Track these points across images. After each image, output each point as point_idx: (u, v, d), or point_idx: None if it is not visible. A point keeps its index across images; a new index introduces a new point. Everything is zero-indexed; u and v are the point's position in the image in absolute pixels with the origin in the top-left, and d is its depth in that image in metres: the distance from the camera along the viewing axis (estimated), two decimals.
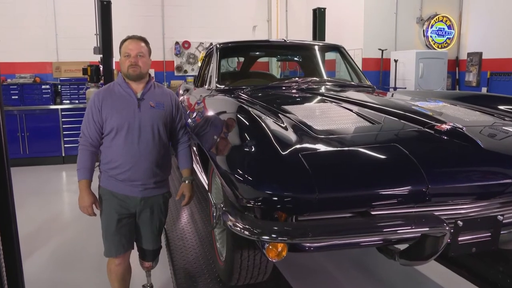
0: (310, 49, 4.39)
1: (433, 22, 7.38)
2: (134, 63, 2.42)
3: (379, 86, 6.87)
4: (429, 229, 1.69)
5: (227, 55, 4.51)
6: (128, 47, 2.44)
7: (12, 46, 7.61)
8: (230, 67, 5.51)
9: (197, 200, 4.09)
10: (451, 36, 7.52)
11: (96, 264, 3.51)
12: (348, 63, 4.18)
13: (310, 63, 4.41)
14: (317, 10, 6.71)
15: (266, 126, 2.03)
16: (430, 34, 7.42)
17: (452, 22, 7.46)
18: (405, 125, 2.22)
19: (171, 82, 8.52)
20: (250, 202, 1.71)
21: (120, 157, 2.42)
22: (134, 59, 2.42)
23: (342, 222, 1.75)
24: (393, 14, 7.27)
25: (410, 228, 1.68)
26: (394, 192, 1.73)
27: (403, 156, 1.84)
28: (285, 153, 1.80)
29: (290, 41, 4.24)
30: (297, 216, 1.74)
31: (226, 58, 4.77)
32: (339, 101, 2.79)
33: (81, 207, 2.45)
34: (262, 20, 9.02)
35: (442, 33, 7.47)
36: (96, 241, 2.83)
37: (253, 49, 4.54)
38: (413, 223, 1.68)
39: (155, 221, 2.58)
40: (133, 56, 2.42)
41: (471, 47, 7.25)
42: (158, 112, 2.48)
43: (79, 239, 4.11)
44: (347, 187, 1.73)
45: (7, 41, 7.51)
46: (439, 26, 7.42)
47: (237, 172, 1.80)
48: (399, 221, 1.70)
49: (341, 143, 1.98)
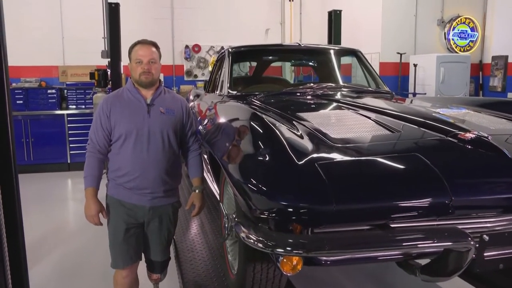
0: (325, 53, 4.40)
1: (455, 24, 7.35)
2: (147, 70, 2.44)
3: (397, 91, 6.83)
4: (453, 244, 1.68)
5: (240, 59, 4.55)
6: (139, 53, 2.46)
7: (17, 49, 7.71)
8: (242, 72, 5.55)
9: (207, 210, 4.11)
10: (474, 39, 7.47)
11: (102, 276, 3.53)
12: (365, 68, 4.18)
13: (325, 68, 4.42)
14: (333, 12, 6.72)
15: (280, 133, 2.04)
16: (452, 37, 7.38)
17: (475, 24, 7.42)
18: (426, 133, 2.21)
19: (181, 87, 8.59)
20: (264, 213, 1.72)
21: (129, 165, 2.45)
22: (147, 66, 2.44)
23: (360, 235, 1.75)
24: (412, 16, 7.26)
25: (432, 242, 1.67)
26: (415, 204, 1.73)
27: (424, 166, 1.84)
28: (300, 162, 1.81)
29: (305, 45, 4.26)
30: (313, 228, 1.75)
31: (239, 63, 4.80)
32: (356, 108, 2.79)
33: (87, 216, 2.48)
34: (275, 22, 9.06)
35: (464, 36, 7.43)
36: (103, 251, 2.85)
37: (267, 53, 4.57)
38: (435, 237, 1.68)
39: (164, 231, 2.60)
40: (145, 63, 2.44)
41: (496, 50, 7.20)
42: (168, 119, 2.51)
43: (85, 249, 4.15)
44: (366, 198, 1.73)
45: (12, 43, 7.58)
46: (461, 28, 7.38)
47: (250, 182, 1.81)
48: (420, 234, 1.69)
49: (358, 152, 1.99)
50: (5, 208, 1.71)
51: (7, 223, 1.76)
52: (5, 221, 1.70)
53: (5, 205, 1.71)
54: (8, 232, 1.77)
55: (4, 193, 1.70)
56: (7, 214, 1.76)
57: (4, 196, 1.70)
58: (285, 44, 6.54)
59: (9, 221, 1.77)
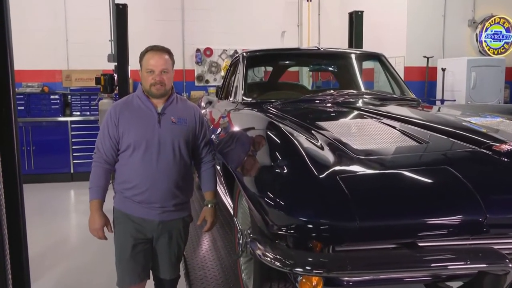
0: (346, 57, 4.42)
1: (488, 25, 7.30)
2: (158, 81, 2.46)
3: (424, 98, 6.80)
4: (488, 266, 1.66)
5: (255, 64, 4.58)
6: (150, 62, 2.46)
7: (19, 52, 7.74)
8: (257, 77, 5.59)
9: (220, 225, 4.12)
10: (510, 40, 7.41)
11: None
12: (389, 73, 4.18)
13: (346, 74, 4.44)
14: (354, 13, 6.73)
15: (299, 144, 2.05)
16: (485, 39, 7.33)
17: (511, 24, 7.35)
18: (456, 144, 2.20)
19: (191, 93, 8.66)
20: (282, 229, 1.73)
21: (137, 177, 2.48)
22: (158, 78, 2.45)
23: (386, 254, 1.74)
24: (440, 17, 7.24)
25: (464, 264, 1.65)
26: (445, 222, 1.72)
27: (455, 180, 1.83)
28: (321, 175, 1.81)
29: (324, 49, 4.28)
30: (335, 246, 1.75)
31: (253, 68, 4.84)
32: (379, 116, 2.79)
33: (91, 229, 2.51)
34: (291, 24, 9.09)
35: (498, 37, 7.37)
36: (108, 268, 2.88)
37: (284, 58, 4.61)
38: (469, 258, 1.65)
39: (174, 247, 2.62)
40: (157, 73, 2.45)
41: None
42: (179, 128, 2.54)
43: (88, 265, 4.18)
44: (391, 214, 1.72)
45: (13, 46, 7.76)
46: (495, 29, 7.33)
47: (267, 196, 1.82)
48: (451, 254, 1.67)
49: (383, 165, 1.98)
50: (9, 222, 1.75)
51: (11, 237, 1.80)
52: (9, 235, 1.73)
53: (9, 218, 1.75)
54: (12, 248, 1.80)
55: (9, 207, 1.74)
56: (11, 228, 1.80)
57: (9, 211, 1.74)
58: (304, 48, 6.57)
59: (13, 235, 1.80)
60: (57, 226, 5.40)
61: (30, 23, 7.85)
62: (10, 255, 1.81)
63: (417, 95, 4.38)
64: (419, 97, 4.31)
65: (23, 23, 7.78)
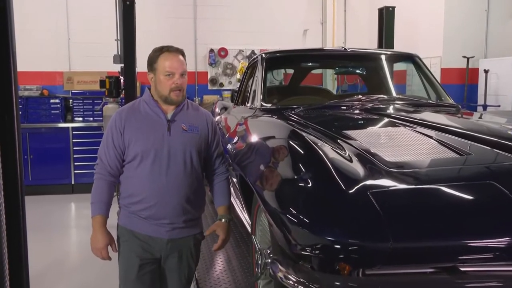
0: (376, 59, 4.41)
1: None
2: (180, 85, 2.47)
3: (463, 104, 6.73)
4: None
5: (275, 66, 4.60)
6: (167, 63, 2.47)
7: (17, 52, 7.98)
8: (276, 80, 5.60)
9: (235, 243, 4.12)
10: None
11: None
12: (424, 76, 4.16)
13: (376, 76, 4.43)
14: (384, 9, 6.72)
15: (324, 155, 2.05)
16: None
17: None
18: (502, 156, 2.17)
19: (204, 97, 8.72)
20: (306, 249, 1.72)
21: (144, 190, 2.49)
22: (180, 81, 2.47)
23: (422, 280, 1.72)
24: (483, 12, 7.15)
25: None
26: (490, 244, 1.69)
27: (502, 197, 1.80)
28: (350, 190, 1.81)
29: (351, 50, 4.28)
30: (365, 270, 1.72)
31: (273, 70, 4.85)
32: (413, 124, 2.78)
33: (93, 248, 2.52)
34: (314, 22, 9.10)
35: None
36: None
37: (307, 59, 4.62)
38: None
39: (184, 268, 2.62)
40: (178, 76, 2.47)
41: None
42: (191, 137, 2.55)
43: (91, 287, 4.20)
44: (429, 235, 1.71)
45: None
46: None
47: (290, 212, 1.82)
48: (498, 281, 1.66)
49: (418, 179, 1.97)
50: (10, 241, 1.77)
51: (10, 257, 1.82)
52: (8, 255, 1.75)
53: (9, 235, 1.77)
54: (12, 268, 1.83)
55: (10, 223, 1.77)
56: (11, 246, 1.82)
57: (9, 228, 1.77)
58: (328, 48, 6.58)
59: (13, 255, 1.83)
60: (57, 243, 5.44)
61: (29, 23, 7.90)
62: (9, 276, 1.83)
63: (456, 100, 4.34)
64: (458, 103, 4.27)
65: (22, 20, 7.86)
